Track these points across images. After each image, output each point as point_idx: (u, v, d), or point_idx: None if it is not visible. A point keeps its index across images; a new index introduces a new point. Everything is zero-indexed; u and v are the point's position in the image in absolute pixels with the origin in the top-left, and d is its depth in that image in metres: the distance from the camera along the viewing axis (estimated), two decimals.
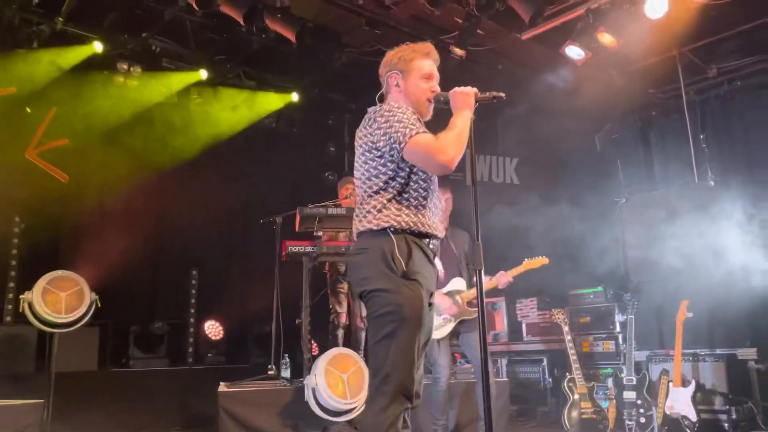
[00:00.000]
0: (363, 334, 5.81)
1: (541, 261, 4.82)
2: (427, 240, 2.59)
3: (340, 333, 5.74)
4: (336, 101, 8.43)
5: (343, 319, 5.73)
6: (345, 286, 5.80)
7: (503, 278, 4.71)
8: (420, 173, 2.58)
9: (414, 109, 2.63)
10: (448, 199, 4.76)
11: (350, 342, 5.72)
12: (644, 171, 7.63)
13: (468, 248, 4.87)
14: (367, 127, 2.57)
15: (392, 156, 2.51)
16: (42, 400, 4.55)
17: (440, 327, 4.59)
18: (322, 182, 8.39)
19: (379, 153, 2.53)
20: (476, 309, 4.65)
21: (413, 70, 2.69)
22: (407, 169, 2.55)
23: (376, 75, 2.81)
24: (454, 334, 4.70)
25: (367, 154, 2.57)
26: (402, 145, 2.46)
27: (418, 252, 2.53)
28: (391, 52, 2.76)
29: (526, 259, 4.80)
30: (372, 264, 2.47)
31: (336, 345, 5.56)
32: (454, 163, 2.42)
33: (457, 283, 4.73)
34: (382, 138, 2.49)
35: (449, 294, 4.67)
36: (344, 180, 6.16)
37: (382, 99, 2.76)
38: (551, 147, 7.65)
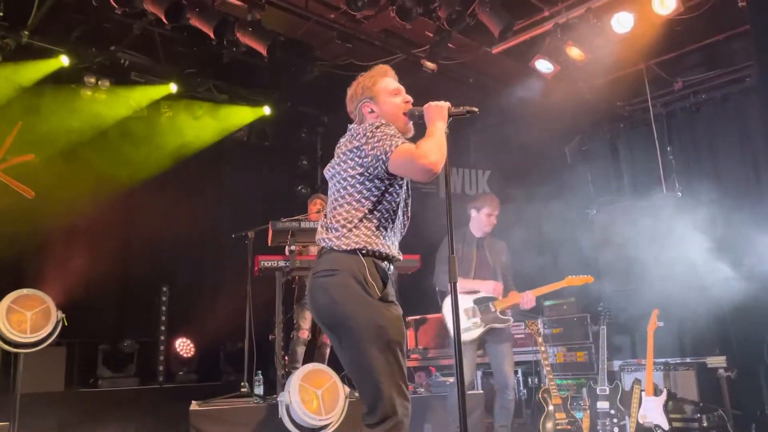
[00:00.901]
0: (328, 350, 5.75)
1: (585, 278, 4.89)
2: (388, 264, 2.56)
3: (301, 349, 5.64)
4: (308, 115, 8.41)
5: (305, 335, 5.66)
6: None
7: (527, 297, 4.69)
8: (394, 194, 2.55)
9: (394, 127, 2.60)
10: (494, 215, 4.77)
11: (313, 357, 5.64)
12: (614, 182, 7.75)
13: (505, 258, 4.88)
14: (354, 141, 2.53)
15: (376, 170, 2.48)
16: (7, 423, 4.42)
17: (468, 330, 4.54)
18: (294, 196, 8.34)
19: (362, 169, 2.50)
20: (509, 318, 4.70)
21: (381, 92, 2.70)
22: (383, 188, 2.52)
23: (348, 89, 2.81)
24: (481, 343, 4.65)
25: (350, 170, 2.52)
26: (388, 155, 2.43)
27: (385, 275, 2.50)
28: (351, 87, 2.77)
29: (568, 276, 4.83)
30: (345, 286, 2.40)
31: (295, 361, 5.49)
32: (437, 167, 2.40)
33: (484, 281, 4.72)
34: (371, 153, 2.46)
35: (483, 300, 4.65)
36: (314, 196, 6.16)
37: None
38: (522, 159, 7.73)
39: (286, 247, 5.11)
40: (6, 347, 4.71)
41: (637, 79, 7.07)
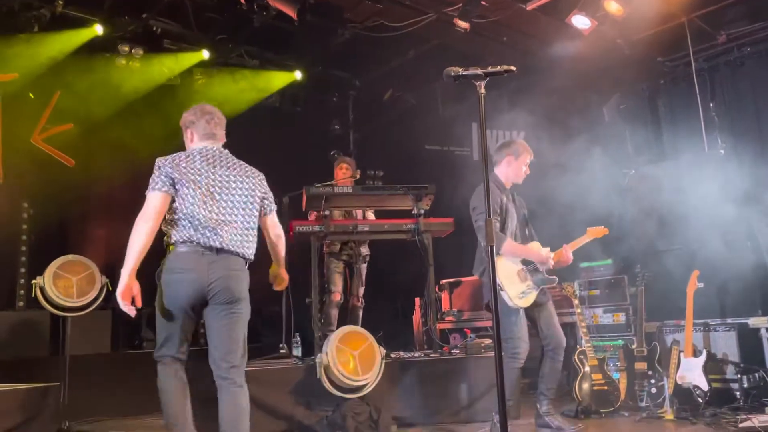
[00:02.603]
0: (360, 312, 5.83)
1: (602, 230, 4.62)
2: None
3: (334, 312, 5.74)
4: (340, 78, 8.35)
5: (338, 297, 5.75)
6: (341, 265, 5.82)
7: (567, 253, 4.39)
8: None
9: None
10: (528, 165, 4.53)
11: (346, 320, 5.72)
12: (653, 141, 7.54)
13: (527, 211, 4.59)
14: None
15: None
16: (58, 383, 4.60)
17: (525, 294, 4.21)
18: (327, 160, 8.35)
19: None
20: (555, 277, 4.36)
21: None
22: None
23: (379, 50, 2.85)
24: (532, 306, 4.27)
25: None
26: (146, 192, 3.27)
27: None
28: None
29: (588, 228, 4.56)
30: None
31: (329, 324, 5.58)
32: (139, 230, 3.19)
33: (536, 247, 4.39)
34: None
35: (528, 261, 4.32)
36: (340, 160, 6.18)
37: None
38: (558, 119, 7.56)
39: (313, 212, 5.18)
40: (54, 311, 4.89)
41: (678, 33, 6.80)
